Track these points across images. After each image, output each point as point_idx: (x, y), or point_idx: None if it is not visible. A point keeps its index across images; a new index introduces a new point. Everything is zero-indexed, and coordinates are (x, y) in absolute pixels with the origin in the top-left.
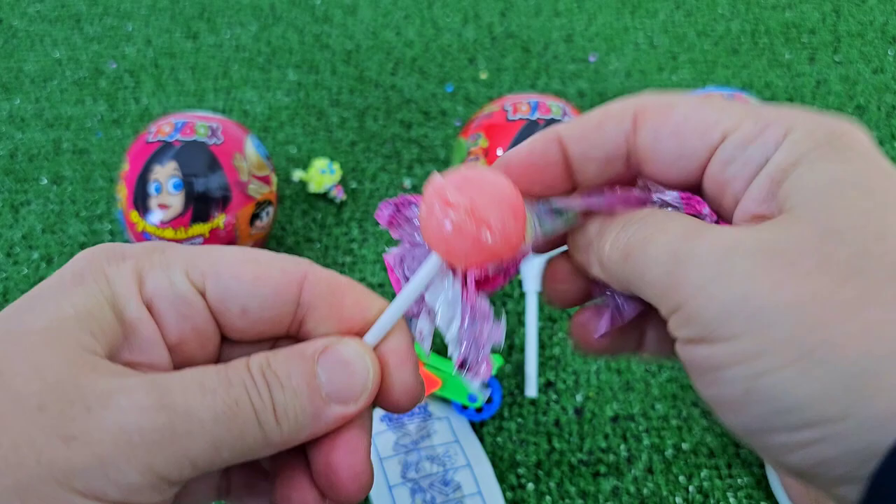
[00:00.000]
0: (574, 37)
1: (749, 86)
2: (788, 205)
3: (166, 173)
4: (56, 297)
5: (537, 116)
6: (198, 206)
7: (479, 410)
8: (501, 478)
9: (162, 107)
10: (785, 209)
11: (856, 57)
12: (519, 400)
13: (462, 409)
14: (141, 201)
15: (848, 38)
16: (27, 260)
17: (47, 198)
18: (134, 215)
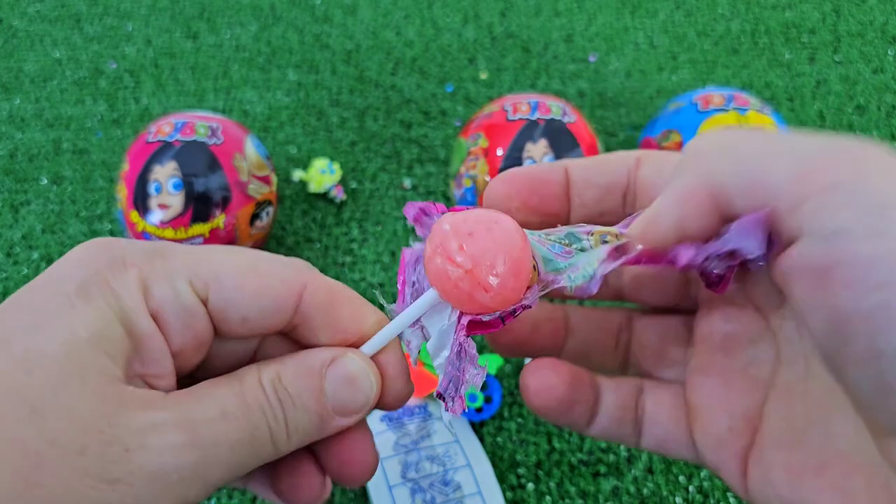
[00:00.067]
0: (574, 37)
1: (749, 86)
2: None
3: (166, 173)
4: (65, 315)
5: (537, 116)
6: (198, 206)
7: (479, 410)
8: (501, 478)
9: (162, 107)
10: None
11: (856, 57)
12: (519, 400)
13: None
14: (141, 201)
15: (848, 38)
16: (27, 260)
17: (47, 198)
18: (134, 215)
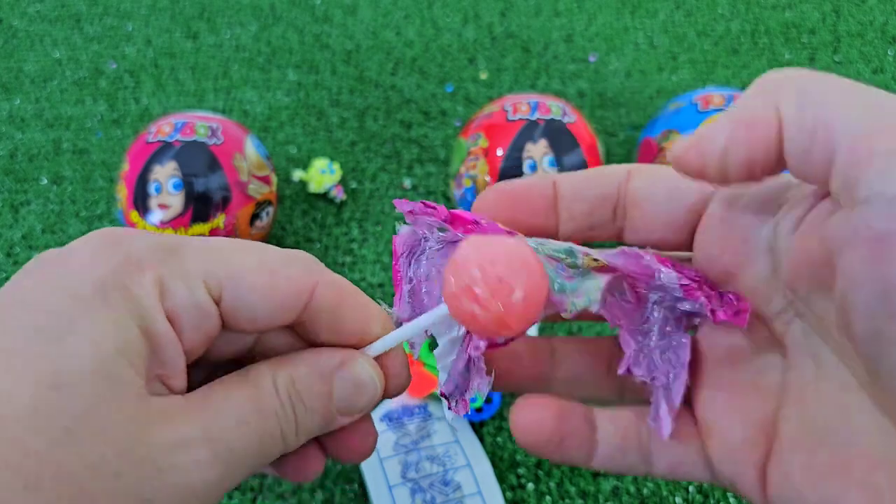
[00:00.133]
0: (574, 37)
1: (749, 86)
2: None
3: (166, 173)
4: (87, 323)
5: (537, 116)
6: (198, 206)
7: (479, 410)
8: (501, 478)
9: (162, 107)
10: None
11: (856, 57)
12: None
13: None
14: (141, 201)
15: (848, 38)
16: (27, 260)
17: (47, 198)
18: (134, 215)
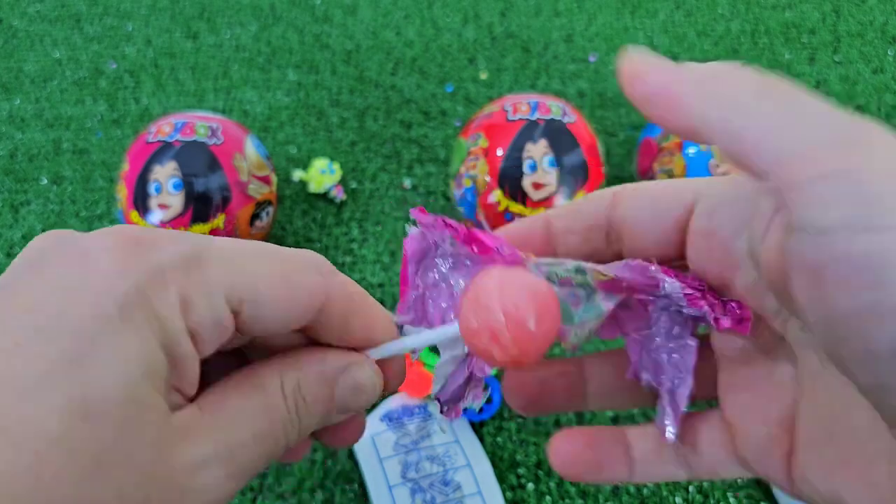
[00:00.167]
0: (574, 37)
1: None
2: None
3: (166, 173)
4: (112, 345)
5: (537, 116)
6: (198, 206)
7: (480, 411)
8: (501, 478)
9: (162, 107)
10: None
11: (856, 57)
12: None
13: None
14: (141, 201)
15: (848, 38)
16: None
17: (47, 198)
18: (134, 215)
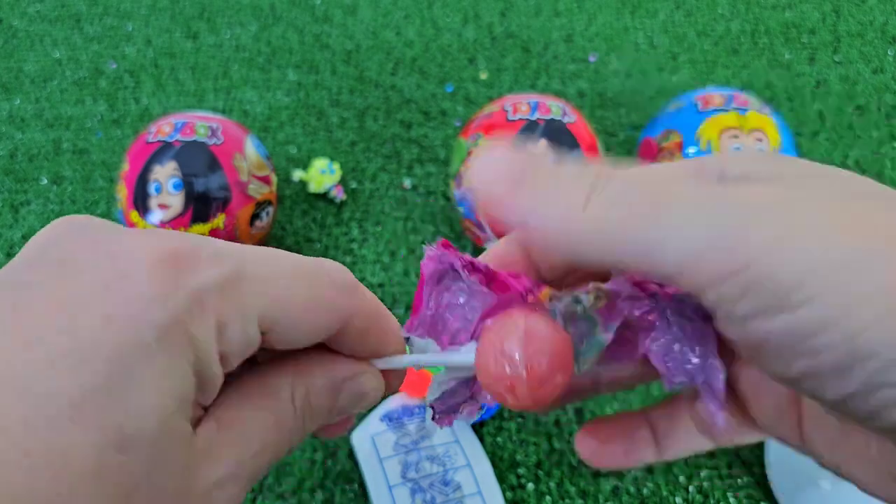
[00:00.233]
0: (574, 37)
1: (749, 86)
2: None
3: (166, 173)
4: (149, 375)
5: (537, 116)
6: (198, 206)
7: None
8: (501, 478)
9: (162, 107)
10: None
11: (856, 57)
12: None
13: None
14: (141, 201)
15: (848, 38)
16: None
17: (47, 198)
18: (134, 215)
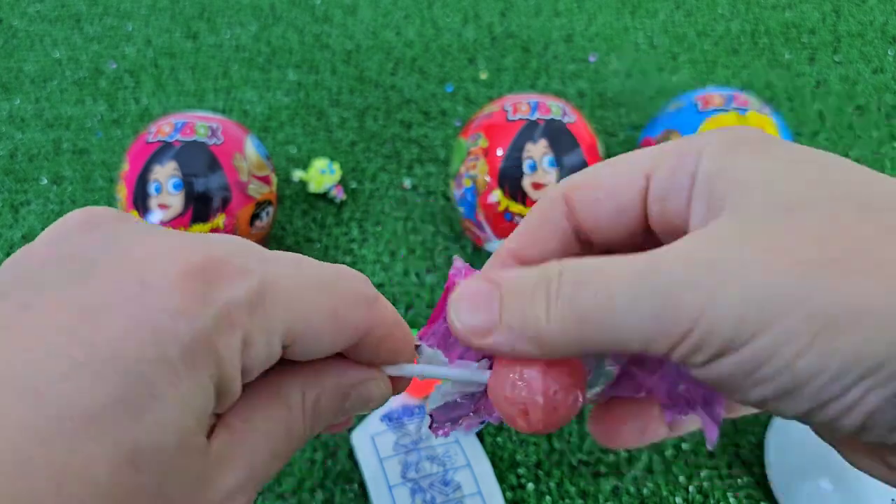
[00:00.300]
0: (574, 37)
1: (749, 86)
2: (731, 200)
3: (166, 173)
4: (172, 393)
5: (537, 116)
6: (198, 206)
7: None
8: (501, 478)
9: (162, 107)
10: (728, 206)
11: (856, 57)
12: None
13: None
14: (141, 201)
15: (848, 38)
16: None
17: (47, 198)
18: (134, 215)
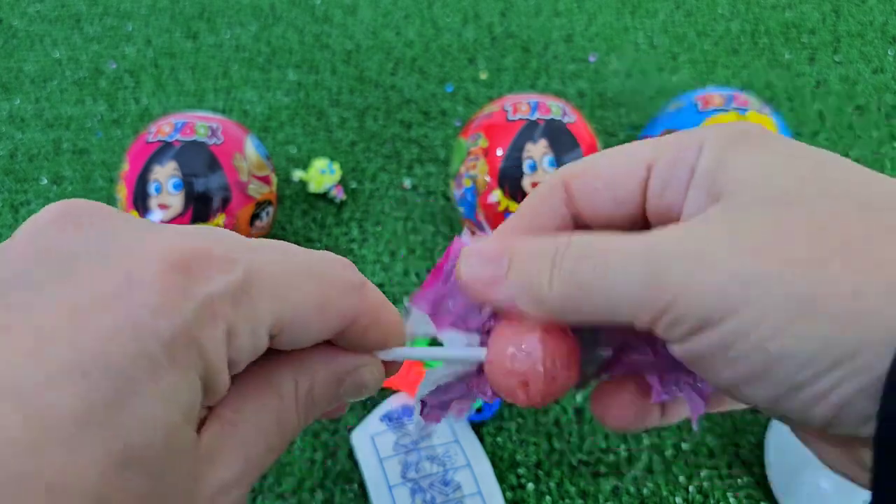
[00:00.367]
0: (574, 37)
1: (749, 86)
2: (727, 192)
3: (166, 173)
4: (156, 389)
5: (537, 116)
6: (198, 206)
7: (479, 410)
8: (501, 478)
9: (162, 107)
10: (724, 197)
11: (856, 57)
12: None
13: None
14: (141, 201)
15: (848, 38)
16: None
17: (47, 198)
18: (134, 215)
